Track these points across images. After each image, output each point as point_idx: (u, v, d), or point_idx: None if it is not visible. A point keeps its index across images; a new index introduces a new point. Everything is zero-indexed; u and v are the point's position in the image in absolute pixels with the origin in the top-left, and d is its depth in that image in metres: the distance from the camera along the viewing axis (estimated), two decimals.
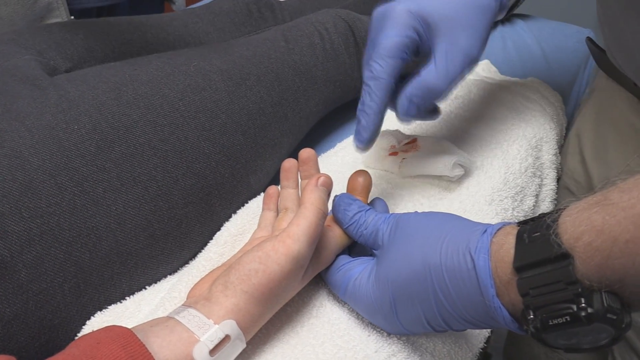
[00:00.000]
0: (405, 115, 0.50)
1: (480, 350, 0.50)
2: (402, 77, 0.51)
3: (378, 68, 0.49)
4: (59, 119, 0.47)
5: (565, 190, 0.79)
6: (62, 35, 0.62)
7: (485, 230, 0.37)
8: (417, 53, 0.51)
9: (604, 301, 0.30)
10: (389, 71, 0.49)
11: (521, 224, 0.37)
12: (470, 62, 0.50)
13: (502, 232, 0.37)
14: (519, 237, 0.35)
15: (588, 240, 0.31)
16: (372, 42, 0.50)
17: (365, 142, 0.51)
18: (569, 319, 0.31)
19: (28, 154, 0.44)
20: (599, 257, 0.30)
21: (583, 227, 0.31)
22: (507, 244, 0.35)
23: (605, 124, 0.71)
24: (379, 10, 0.51)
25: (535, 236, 0.34)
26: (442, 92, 0.49)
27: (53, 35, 0.62)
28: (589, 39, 0.72)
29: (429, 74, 0.49)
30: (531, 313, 0.33)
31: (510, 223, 0.38)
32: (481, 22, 0.50)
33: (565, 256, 0.32)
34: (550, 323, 0.32)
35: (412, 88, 0.49)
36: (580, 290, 0.31)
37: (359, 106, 0.51)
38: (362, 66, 0.51)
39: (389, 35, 0.49)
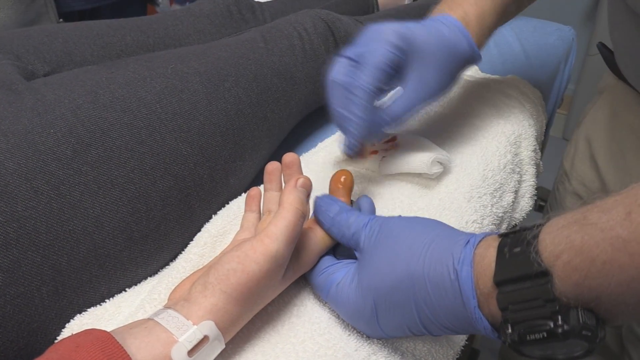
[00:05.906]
0: (370, 135, 0.53)
1: (462, 348, 0.50)
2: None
3: (365, 79, 0.50)
4: (34, 123, 0.46)
5: (574, 195, 0.78)
6: (40, 39, 0.62)
7: (469, 241, 0.38)
8: (397, 69, 0.53)
9: (580, 318, 0.31)
10: (375, 82, 0.50)
11: (502, 236, 0.37)
12: (427, 102, 0.54)
13: (484, 244, 0.37)
14: (500, 251, 0.35)
15: (567, 259, 0.31)
16: (360, 56, 0.52)
17: (354, 150, 0.53)
18: (545, 335, 0.32)
19: (3, 158, 0.44)
20: (577, 276, 0.31)
21: (562, 246, 0.32)
22: (489, 257, 0.36)
23: (621, 128, 0.71)
24: (369, 28, 0.53)
25: (516, 252, 0.34)
26: (398, 119, 0.54)
27: (31, 39, 0.61)
28: (601, 44, 0.72)
29: (396, 100, 0.52)
30: (509, 327, 0.33)
31: (492, 233, 0.38)
32: (451, 66, 0.54)
33: (544, 274, 0.32)
34: (528, 338, 0.32)
35: (383, 110, 0.52)
36: (557, 307, 0.31)
37: (342, 114, 0.52)
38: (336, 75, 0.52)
39: (378, 49, 0.51)
